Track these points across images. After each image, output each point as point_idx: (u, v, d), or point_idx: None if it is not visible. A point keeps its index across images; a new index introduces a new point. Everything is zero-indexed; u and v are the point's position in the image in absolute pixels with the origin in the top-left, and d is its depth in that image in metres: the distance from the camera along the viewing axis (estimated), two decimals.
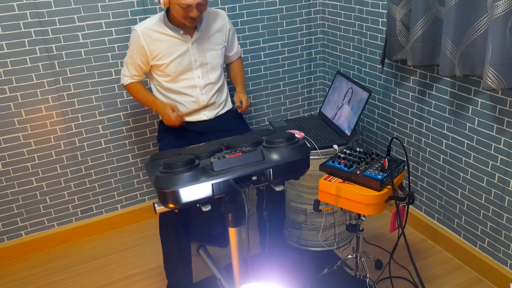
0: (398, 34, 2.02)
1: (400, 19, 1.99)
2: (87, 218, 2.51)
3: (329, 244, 2.26)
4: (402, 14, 1.98)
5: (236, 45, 2.19)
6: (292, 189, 2.16)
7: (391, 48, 2.09)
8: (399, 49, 2.06)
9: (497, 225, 1.92)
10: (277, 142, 1.48)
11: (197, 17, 1.84)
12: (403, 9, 1.97)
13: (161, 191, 1.35)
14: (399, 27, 2.00)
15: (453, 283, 2.01)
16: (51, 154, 2.31)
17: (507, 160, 1.81)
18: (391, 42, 2.07)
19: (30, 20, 2.07)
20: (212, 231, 2.33)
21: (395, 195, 1.55)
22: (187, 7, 1.80)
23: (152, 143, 2.52)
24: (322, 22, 2.71)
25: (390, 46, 2.09)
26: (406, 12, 1.96)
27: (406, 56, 2.04)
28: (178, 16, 1.86)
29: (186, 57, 1.98)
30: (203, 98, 2.05)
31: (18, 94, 2.16)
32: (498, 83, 1.59)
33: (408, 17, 1.97)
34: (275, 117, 2.80)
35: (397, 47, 2.06)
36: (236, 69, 2.23)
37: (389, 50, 2.11)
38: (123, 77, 2.09)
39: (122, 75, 2.10)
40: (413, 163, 2.30)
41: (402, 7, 1.97)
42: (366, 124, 2.57)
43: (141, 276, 2.19)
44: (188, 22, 1.87)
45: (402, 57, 2.07)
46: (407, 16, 1.97)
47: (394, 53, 2.08)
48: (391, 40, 2.07)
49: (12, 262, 2.36)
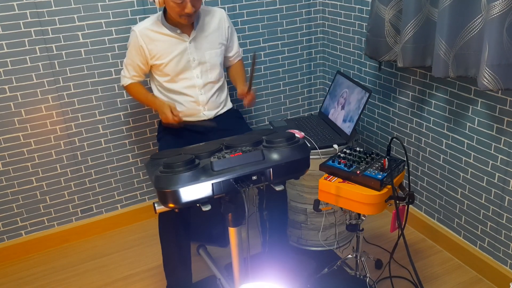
0: (386, 35, 2.00)
1: (389, 20, 1.97)
2: (87, 218, 2.51)
3: (329, 244, 2.26)
4: (391, 14, 1.96)
5: (236, 46, 2.18)
6: (292, 188, 2.16)
7: (378, 49, 2.06)
8: (386, 50, 2.04)
9: (497, 225, 1.92)
10: (277, 142, 1.48)
11: (192, 13, 1.84)
12: (392, 9, 1.95)
13: (161, 190, 1.35)
14: (388, 28, 1.98)
15: (453, 282, 2.02)
16: (51, 154, 2.31)
17: (507, 159, 1.81)
18: (377, 42, 2.05)
19: (30, 19, 2.07)
20: (212, 231, 2.33)
21: (395, 195, 1.55)
22: (181, 3, 1.80)
23: (152, 143, 2.52)
24: (322, 22, 2.71)
25: (377, 47, 2.06)
26: (396, 13, 1.95)
27: (394, 57, 2.02)
28: (174, 14, 1.86)
29: (185, 56, 1.98)
30: (202, 98, 2.05)
31: (18, 93, 2.16)
32: (495, 84, 1.58)
33: (397, 18, 1.95)
34: (275, 117, 2.80)
35: (384, 48, 2.04)
36: (237, 69, 2.22)
37: (376, 51, 2.09)
38: (123, 78, 2.09)
39: (122, 77, 2.10)
40: (413, 162, 2.30)
41: (392, 7, 1.94)
42: (366, 124, 2.57)
43: (141, 276, 2.19)
44: (183, 19, 1.87)
45: (390, 58, 2.04)
46: (396, 17, 1.95)
47: (382, 54, 2.06)
48: (378, 41, 2.04)
49: (12, 262, 2.36)
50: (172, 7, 1.83)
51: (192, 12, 1.84)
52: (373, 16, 2.03)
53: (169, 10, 1.88)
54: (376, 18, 2.02)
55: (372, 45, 2.09)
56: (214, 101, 2.09)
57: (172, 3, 1.81)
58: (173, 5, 1.82)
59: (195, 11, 1.85)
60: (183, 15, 1.85)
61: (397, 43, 1.98)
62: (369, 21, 2.08)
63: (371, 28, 2.06)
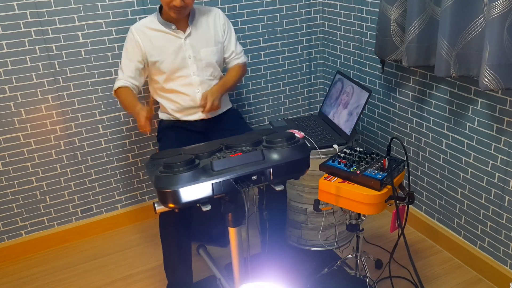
0: (393, 34, 2.01)
1: (394, 20, 1.97)
2: (87, 218, 2.51)
3: (329, 244, 2.26)
4: (397, 14, 1.96)
5: (233, 46, 2.11)
6: (292, 188, 2.16)
7: (385, 48, 2.07)
8: (393, 50, 2.04)
9: (497, 225, 1.92)
10: (277, 142, 1.48)
11: (180, 7, 1.84)
12: (398, 9, 1.95)
13: (161, 190, 1.35)
14: (394, 27, 1.99)
15: (453, 282, 2.01)
16: (51, 154, 2.31)
17: (507, 159, 1.81)
18: (385, 42, 2.05)
19: (30, 19, 2.07)
20: (212, 231, 2.33)
21: (395, 195, 1.55)
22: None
23: (152, 143, 2.52)
24: (322, 22, 2.71)
25: (384, 46, 2.07)
26: (401, 13, 1.95)
27: (400, 57, 2.03)
28: (164, 5, 1.88)
29: (180, 53, 1.98)
30: (200, 97, 2.04)
31: (18, 93, 2.16)
32: (496, 84, 1.58)
33: (402, 18, 1.95)
34: (275, 117, 2.80)
35: (391, 47, 2.04)
36: (230, 71, 2.13)
37: (382, 51, 2.09)
38: (116, 81, 1.99)
39: (116, 81, 1.99)
40: (413, 162, 2.30)
41: (397, 7, 1.95)
42: (366, 123, 2.57)
43: (141, 276, 2.19)
44: (173, 12, 1.88)
45: (397, 57, 2.05)
46: (402, 17, 1.95)
47: (388, 53, 2.07)
48: (385, 40, 2.05)
49: (12, 262, 2.36)
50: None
51: (180, 6, 1.84)
52: (380, 15, 2.04)
53: (161, 2, 1.89)
54: (382, 17, 2.03)
55: (379, 45, 2.10)
56: None
57: None
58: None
59: (184, 6, 1.85)
60: (171, 7, 1.86)
61: (403, 43, 1.99)
62: (378, 20, 2.08)
63: (379, 27, 2.07)
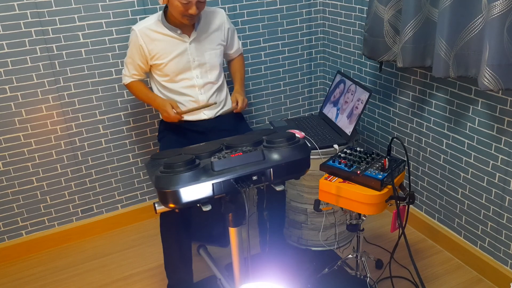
0: (385, 35, 1.99)
1: (388, 20, 1.97)
2: (87, 218, 2.52)
3: (329, 244, 2.26)
4: (390, 15, 1.95)
5: (237, 43, 2.19)
6: (293, 188, 2.16)
7: (376, 49, 2.06)
8: (385, 50, 2.03)
9: (497, 225, 1.92)
10: (277, 142, 1.48)
11: (195, 14, 1.84)
12: (391, 9, 1.94)
13: (161, 191, 1.35)
14: (387, 28, 1.98)
15: (453, 282, 2.01)
16: (51, 154, 2.31)
17: (508, 159, 1.81)
18: (376, 43, 2.04)
19: (30, 19, 2.07)
20: (212, 231, 2.33)
21: (396, 195, 1.55)
22: (187, 4, 1.80)
23: (153, 143, 2.52)
24: (322, 22, 2.71)
25: (375, 47, 2.05)
26: (394, 13, 1.94)
27: (393, 58, 2.02)
28: (176, 13, 1.86)
29: (184, 57, 1.98)
30: (202, 98, 2.05)
31: (18, 93, 2.16)
32: (495, 84, 1.58)
33: (396, 18, 1.94)
34: (275, 117, 2.80)
35: (383, 48, 2.03)
36: (236, 66, 2.23)
37: (374, 51, 2.08)
38: (124, 77, 2.10)
39: (123, 75, 2.10)
40: (413, 162, 2.30)
41: (391, 7, 1.94)
42: (366, 124, 2.57)
43: (141, 276, 2.19)
44: (186, 20, 1.87)
45: (389, 58, 2.04)
46: (395, 17, 1.95)
47: (380, 54, 2.06)
48: (377, 41, 2.03)
49: (12, 262, 2.36)
50: (176, 6, 1.82)
51: (196, 14, 1.84)
52: (372, 16, 2.03)
53: (171, 9, 1.87)
54: (374, 18, 2.01)
55: (370, 45, 2.09)
56: (214, 100, 2.09)
57: (178, 2, 1.80)
58: (178, 4, 1.81)
59: (198, 13, 1.86)
60: (186, 15, 1.85)
61: (395, 43, 1.98)
62: (366, 21, 2.07)
63: (369, 28, 2.06)
